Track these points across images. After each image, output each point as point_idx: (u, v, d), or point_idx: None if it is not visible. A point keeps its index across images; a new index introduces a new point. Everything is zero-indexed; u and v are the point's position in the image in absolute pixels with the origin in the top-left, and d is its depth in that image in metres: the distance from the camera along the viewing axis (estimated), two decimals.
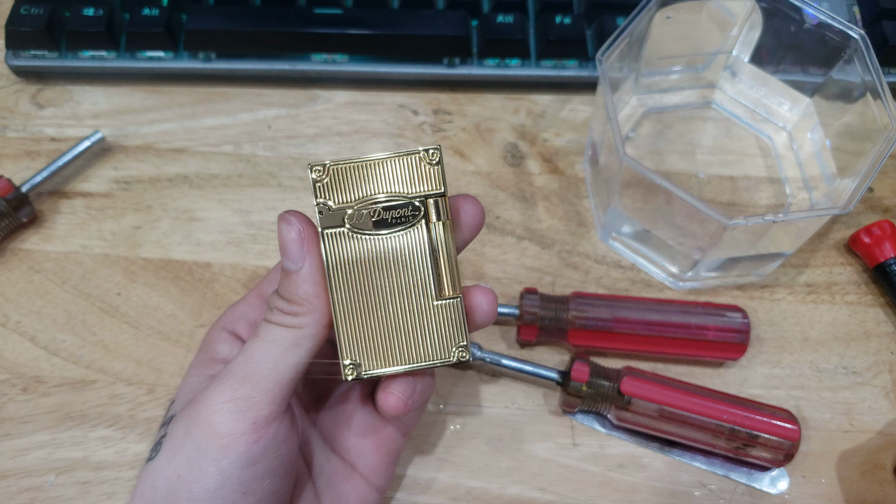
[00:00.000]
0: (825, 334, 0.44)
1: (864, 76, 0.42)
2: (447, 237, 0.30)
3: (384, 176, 0.30)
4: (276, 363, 0.29)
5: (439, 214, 0.30)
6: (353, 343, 0.30)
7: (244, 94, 0.52)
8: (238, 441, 0.29)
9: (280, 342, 0.30)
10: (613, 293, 0.45)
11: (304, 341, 0.30)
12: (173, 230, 0.46)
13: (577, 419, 0.41)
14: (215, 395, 0.29)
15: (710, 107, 0.52)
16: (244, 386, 0.29)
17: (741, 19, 0.48)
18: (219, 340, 0.35)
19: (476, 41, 0.51)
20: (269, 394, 0.29)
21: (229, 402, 0.29)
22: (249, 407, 0.29)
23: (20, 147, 0.49)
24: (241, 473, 0.29)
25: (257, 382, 0.29)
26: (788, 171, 0.49)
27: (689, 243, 0.42)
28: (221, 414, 0.29)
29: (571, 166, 0.49)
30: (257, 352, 0.30)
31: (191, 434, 0.29)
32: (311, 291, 0.30)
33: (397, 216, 0.30)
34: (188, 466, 0.29)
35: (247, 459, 0.29)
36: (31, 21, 0.49)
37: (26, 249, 0.45)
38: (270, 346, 0.30)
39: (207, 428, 0.29)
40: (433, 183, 0.30)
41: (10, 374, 0.42)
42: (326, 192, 0.30)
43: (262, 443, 0.29)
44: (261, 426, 0.29)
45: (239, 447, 0.29)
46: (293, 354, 0.30)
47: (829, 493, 0.40)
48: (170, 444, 0.30)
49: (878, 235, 0.45)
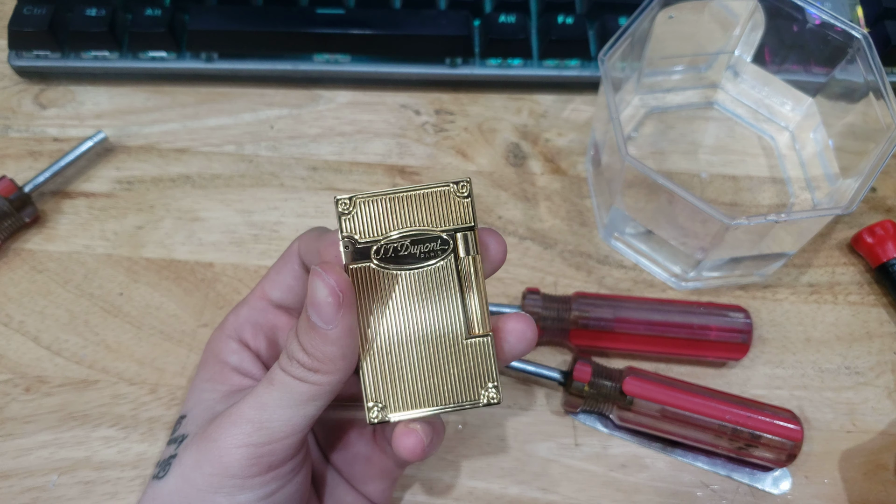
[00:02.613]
0: (828, 334, 0.44)
1: (866, 76, 0.42)
2: (478, 272, 0.29)
3: (412, 209, 0.29)
4: (292, 415, 0.28)
5: (468, 249, 0.29)
6: (378, 384, 0.29)
7: (246, 94, 0.52)
8: (255, 482, 0.28)
9: (296, 396, 0.28)
10: (616, 293, 0.45)
11: (322, 397, 0.28)
12: (176, 230, 0.46)
13: (580, 419, 0.41)
14: (229, 438, 0.28)
15: (712, 107, 0.52)
16: (259, 433, 0.28)
17: (743, 19, 0.48)
18: (228, 351, 0.34)
19: (478, 41, 0.51)
20: (283, 443, 0.28)
21: (244, 447, 0.28)
22: (265, 454, 0.28)
23: (23, 147, 0.49)
24: None
25: (272, 432, 0.28)
26: (791, 171, 0.49)
27: (691, 243, 0.42)
28: (237, 459, 0.28)
29: (574, 166, 0.49)
30: (272, 400, 0.28)
31: (202, 470, 0.28)
32: (337, 353, 0.28)
33: (426, 251, 0.29)
34: (199, 498, 0.28)
35: (262, 495, 0.29)
36: (33, 21, 0.49)
37: (29, 249, 0.46)
38: (285, 397, 0.28)
39: (221, 468, 0.28)
40: (463, 216, 0.29)
41: (13, 374, 0.42)
42: (352, 226, 0.28)
43: (280, 481, 0.29)
44: (276, 467, 0.29)
45: (255, 486, 0.28)
46: (310, 407, 0.28)
47: (832, 494, 0.40)
48: (179, 470, 0.29)
49: (880, 235, 0.45)
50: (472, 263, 0.29)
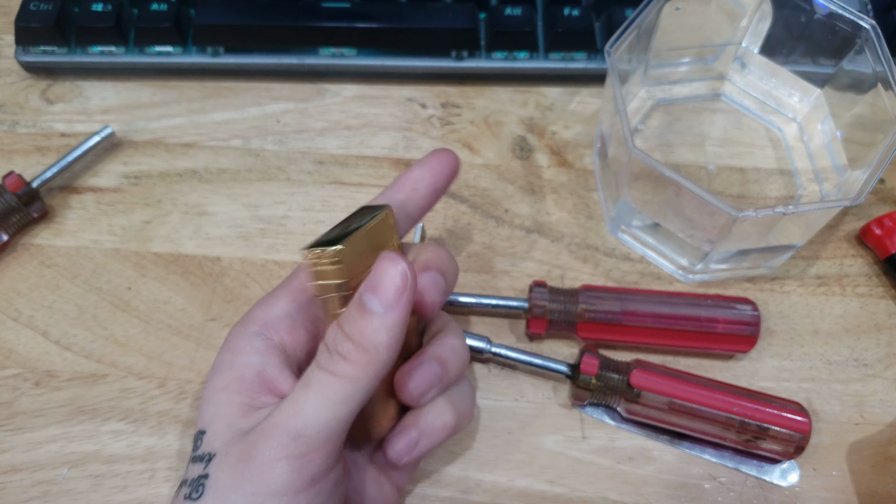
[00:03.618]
0: (836, 326, 0.44)
1: (875, 67, 0.42)
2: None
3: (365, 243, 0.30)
4: (329, 419, 0.27)
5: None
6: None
7: (252, 88, 0.52)
8: (298, 497, 0.27)
9: (332, 395, 0.27)
10: (623, 286, 0.45)
11: (358, 394, 0.28)
12: (183, 225, 0.46)
13: (587, 412, 0.41)
14: (267, 452, 0.27)
15: (719, 98, 0.51)
16: (297, 443, 0.27)
17: (751, 10, 0.48)
18: (250, 351, 0.31)
19: (484, 34, 0.51)
20: (323, 450, 0.27)
21: (283, 460, 0.27)
22: (305, 465, 0.27)
23: (30, 143, 0.49)
24: None
25: (311, 440, 0.27)
26: (799, 162, 0.49)
27: (698, 236, 0.42)
28: (277, 473, 0.27)
29: (580, 159, 0.49)
30: (307, 405, 0.27)
31: (243, 490, 0.27)
32: (385, 342, 0.27)
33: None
34: None
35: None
36: (40, 17, 0.49)
37: (37, 244, 0.46)
38: (322, 399, 0.27)
39: (262, 486, 0.27)
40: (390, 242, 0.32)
41: (23, 369, 0.42)
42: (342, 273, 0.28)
43: (323, 493, 0.28)
44: (318, 480, 0.28)
45: (299, 502, 0.28)
46: (345, 409, 0.28)
47: (840, 486, 0.40)
48: (217, 491, 0.28)
49: (889, 227, 0.45)
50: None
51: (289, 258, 0.45)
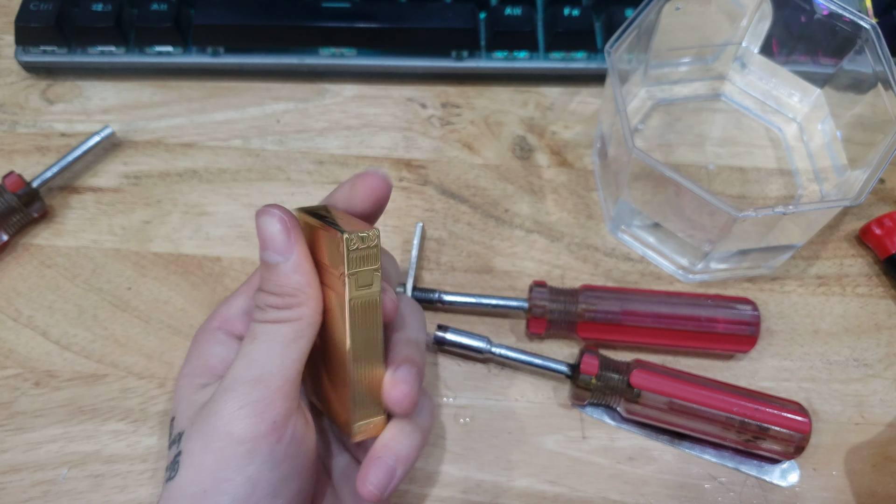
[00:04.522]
0: (836, 326, 0.44)
1: (875, 66, 0.42)
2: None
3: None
4: (282, 360, 0.29)
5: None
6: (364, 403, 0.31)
7: (252, 88, 0.52)
8: (261, 444, 0.28)
9: (281, 339, 0.29)
10: (623, 286, 0.45)
11: (305, 331, 0.30)
12: (183, 225, 0.46)
13: (587, 412, 0.41)
14: (228, 403, 0.29)
15: (719, 98, 0.51)
16: (256, 389, 0.29)
17: (751, 10, 0.48)
18: (213, 342, 0.34)
19: (484, 34, 0.51)
20: (281, 391, 0.29)
21: (245, 406, 0.28)
22: (266, 408, 0.28)
23: (31, 143, 0.49)
24: (270, 476, 0.29)
25: (268, 383, 0.29)
26: (799, 162, 0.49)
27: (698, 235, 0.42)
28: (240, 420, 0.28)
29: (580, 159, 0.49)
30: (260, 354, 0.29)
31: (210, 447, 0.29)
32: (302, 280, 0.29)
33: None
34: (212, 479, 0.28)
35: (272, 461, 0.29)
36: (40, 17, 0.49)
37: (37, 244, 0.46)
38: (272, 345, 0.29)
39: (227, 437, 0.28)
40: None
41: (23, 369, 0.42)
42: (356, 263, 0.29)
43: (284, 441, 0.29)
44: (280, 425, 0.29)
45: (263, 450, 0.28)
46: (296, 348, 0.29)
47: (840, 486, 0.40)
48: (188, 460, 0.29)
49: (889, 227, 0.45)
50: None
51: None
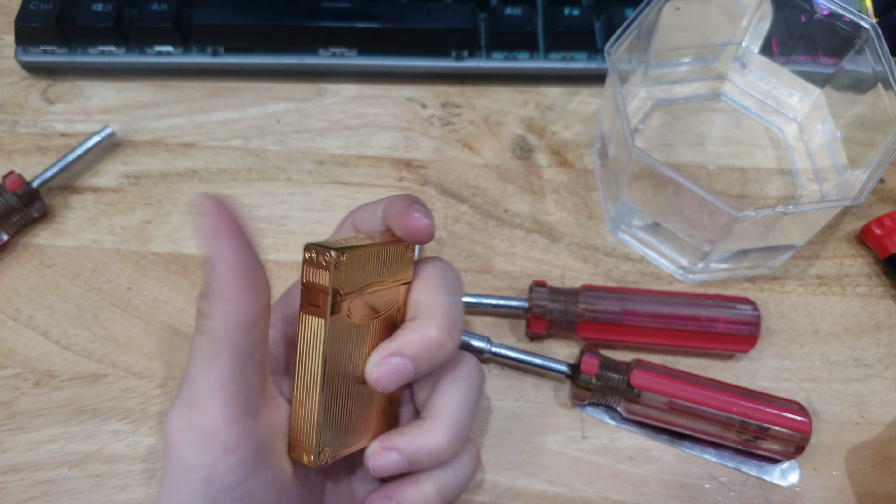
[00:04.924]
0: (836, 326, 0.44)
1: (875, 66, 0.42)
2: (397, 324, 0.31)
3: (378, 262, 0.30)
4: (207, 379, 0.26)
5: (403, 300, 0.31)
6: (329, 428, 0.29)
7: (253, 88, 0.52)
8: (218, 467, 0.26)
9: (202, 354, 0.26)
10: (623, 286, 0.45)
11: (223, 350, 0.26)
12: (183, 224, 0.46)
13: (587, 412, 0.41)
14: (174, 424, 0.26)
15: (719, 98, 0.51)
16: (193, 411, 0.26)
17: (751, 10, 0.48)
18: None
19: (484, 34, 0.51)
20: (219, 415, 0.26)
21: (188, 430, 0.26)
22: (209, 433, 0.26)
23: (31, 143, 0.49)
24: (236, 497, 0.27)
25: (202, 406, 0.26)
26: (799, 162, 0.49)
27: (698, 235, 0.42)
28: (187, 444, 0.26)
29: (580, 159, 0.49)
30: (190, 367, 0.27)
31: (169, 468, 0.27)
32: (215, 287, 0.26)
33: (385, 300, 0.30)
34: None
35: (235, 482, 0.26)
36: (40, 17, 0.49)
37: (37, 244, 0.46)
38: (197, 359, 0.27)
39: (180, 462, 0.26)
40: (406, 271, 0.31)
41: (23, 369, 0.42)
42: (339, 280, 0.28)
43: (247, 462, 0.27)
44: (234, 448, 0.26)
45: (222, 474, 0.26)
46: (218, 368, 0.26)
47: (840, 486, 0.40)
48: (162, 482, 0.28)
49: (889, 227, 0.45)
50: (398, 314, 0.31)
51: (289, 258, 0.45)
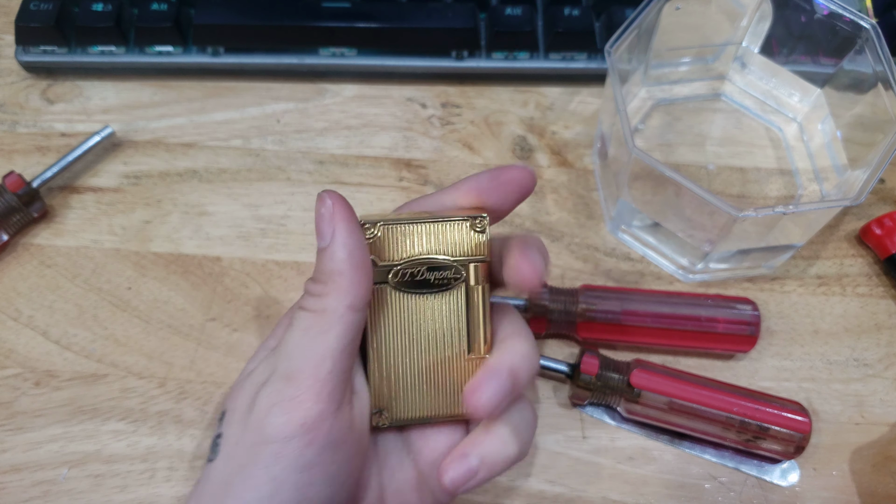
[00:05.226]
0: (836, 326, 0.44)
1: (875, 66, 0.42)
2: (484, 301, 0.31)
3: (431, 237, 0.31)
4: (312, 355, 0.28)
5: (478, 279, 0.31)
6: (384, 392, 0.31)
7: (253, 88, 0.52)
8: (289, 446, 0.27)
9: (309, 330, 0.28)
10: (623, 286, 0.45)
11: (332, 326, 0.28)
12: (183, 224, 0.46)
13: (587, 412, 0.41)
14: (263, 398, 0.28)
15: (719, 98, 0.51)
16: (288, 386, 0.28)
17: (751, 10, 0.48)
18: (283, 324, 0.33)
19: (484, 34, 0.51)
20: (311, 391, 0.27)
21: (276, 405, 0.27)
22: (295, 408, 0.27)
23: (31, 142, 0.49)
24: (297, 479, 0.27)
25: (299, 381, 0.27)
26: (799, 162, 0.49)
27: (698, 235, 0.42)
28: (271, 418, 0.27)
29: (580, 159, 0.49)
30: (291, 345, 0.28)
31: (243, 440, 0.28)
32: (334, 268, 0.28)
33: (440, 277, 0.31)
34: (241, 475, 0.27)
35: (300, 465, 0.27)
36: (40, 17, 0.49)
37: (37, 244, 0.46)
38: (303, 336, 0.28)
39: (258, 434, 0.27)
40: (477, 249, 0.31)
41: (23, 368, 0.42)
42: (375, 249, 0.30)
43: (316, 445, 0.27)
44: (311, 428, 0.27)
45: (291, 453, 0.27)
46: (323, 343, 0.28)
47: (840, 486, 0.40)
48: (225, 448, 0.29)
49: (889, 227, 0.45)
50: (481, 293, 0.31)
51: (289, 258, 0.45)
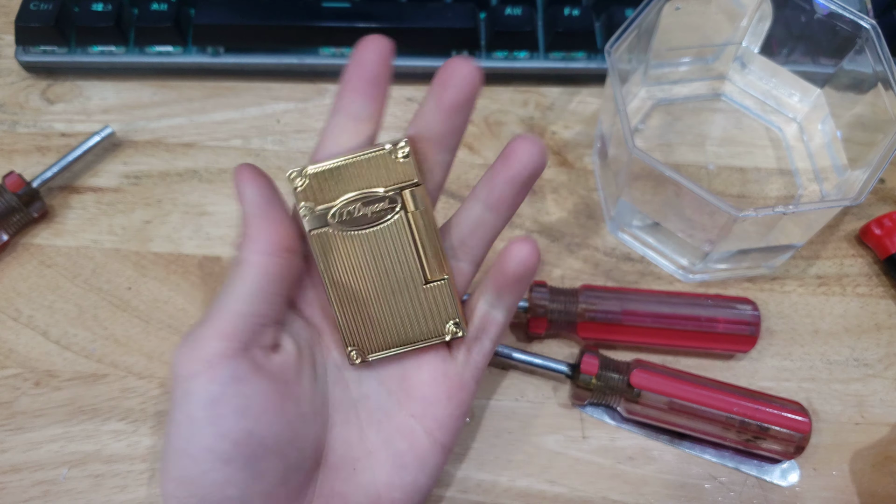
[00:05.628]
0: (836, 326, 0.44)
1: (875, 66, 0.42)
2: (427, 224, 0.32)
3: (361, 175, 0.31)
4: (222, 298, 0.30)
5: (416, 204, 0.32)
6: (354, 331, 0.33)
7: (253, 88, 0.52)
8: (195, 382, 0.29)
9: (231, 280, 0.30)
10: (623, 286, 0.45)
11: (243, 272, 0.30)
12: (183, 224, 0.46)
13: (587, 412, 0.41)
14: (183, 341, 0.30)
15: (719, 98, 0.51)
16: (197, 329, 0.30)
17: (751, 10, 0.48)
18: None
19: (484, 34, 0.51)
20: (214, 329, 0.29)
21: (184, 346, 0.29)
22: (200, 347, 0.29)
23: (31, 142, 0.49)
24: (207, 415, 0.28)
25: (206, 323, 0.29)
26: (799, 162, 0.49)
27: (698, 235, 0.42)
28: (179, 356, 0.29)
29: (580, 159, 0.49)
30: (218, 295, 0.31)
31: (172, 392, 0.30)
32: (242, 221, 0.30)
33: (377, 210, 0.31)
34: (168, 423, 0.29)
35: (208, 400, 0.28)
36: (40, 16, 0.49)
37: (37, 244, 0.46)
38: (226, 286, 0.30)
39: (173, 374, 0.29)
40: (407, 175, 0.31)
41: (23, 369, 0.42)
42: (308, 196, 0.31)
43: (218, 382, 0.29)
44: (213, 364, 0.29)
45: (198, 388, 0.29)
46: (234, 288, 0.30)
47: (840, 486, 0.40)
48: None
49: (889, 227, 0.45)
50: (422, 217, 0.32)
51: None
